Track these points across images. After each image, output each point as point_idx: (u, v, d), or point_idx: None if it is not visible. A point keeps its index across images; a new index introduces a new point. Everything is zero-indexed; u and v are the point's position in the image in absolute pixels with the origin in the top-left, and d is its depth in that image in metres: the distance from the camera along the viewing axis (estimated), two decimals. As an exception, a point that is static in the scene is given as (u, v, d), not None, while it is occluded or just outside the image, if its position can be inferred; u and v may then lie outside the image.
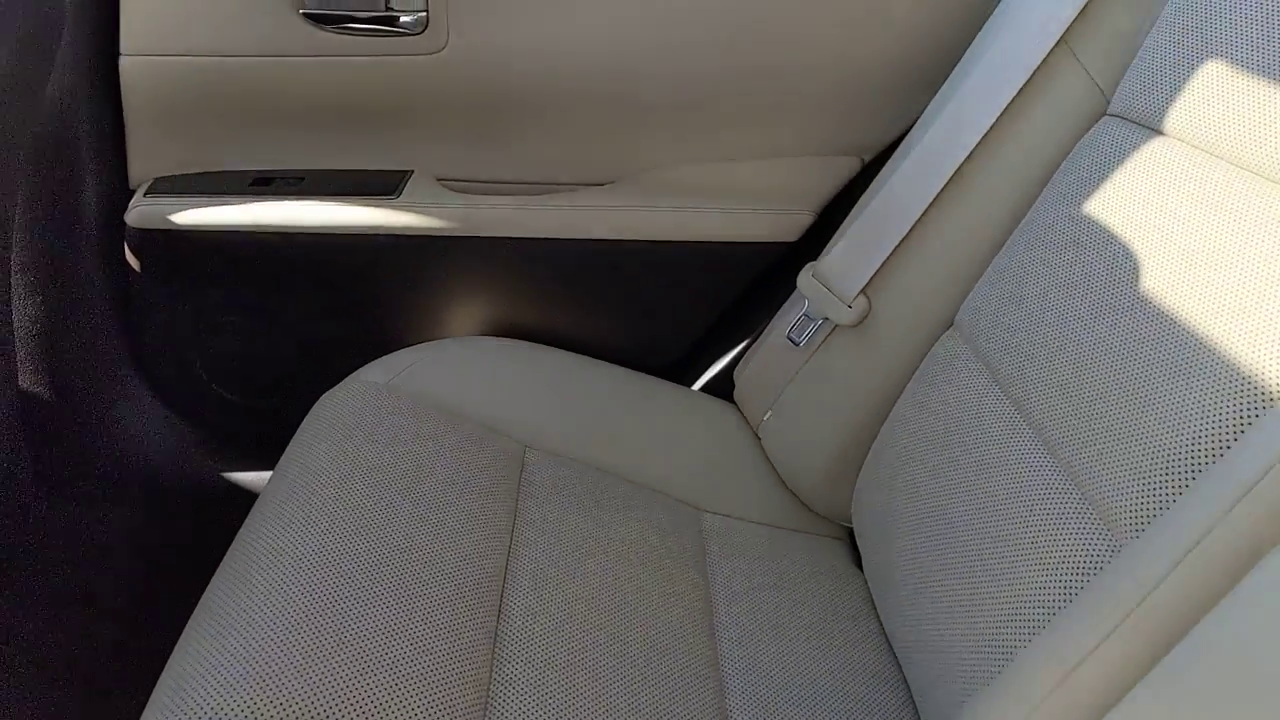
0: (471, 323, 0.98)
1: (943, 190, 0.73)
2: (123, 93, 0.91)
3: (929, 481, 0.67)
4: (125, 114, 0.92)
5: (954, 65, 0.80)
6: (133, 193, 0.96)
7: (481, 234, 0.92)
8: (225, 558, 0.65)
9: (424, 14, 0.87)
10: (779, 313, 0.89)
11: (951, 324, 0.72)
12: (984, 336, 0.67)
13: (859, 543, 0.78)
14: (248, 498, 1.09)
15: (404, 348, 1.00)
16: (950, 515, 0.63)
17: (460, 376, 0.86)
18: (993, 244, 0.71)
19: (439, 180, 0.96)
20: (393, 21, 0.87)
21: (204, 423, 1.07)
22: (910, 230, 0.74)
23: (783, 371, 0.85)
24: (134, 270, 0.96)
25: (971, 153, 0.72)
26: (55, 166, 0.90)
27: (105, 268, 0.97)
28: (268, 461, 1.09)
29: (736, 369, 0.92)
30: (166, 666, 0.57)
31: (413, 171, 0.96)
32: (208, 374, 1.03)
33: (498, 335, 0.98)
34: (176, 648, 0.58)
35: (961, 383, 0.68)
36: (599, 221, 0.93)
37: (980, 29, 0.79)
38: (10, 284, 0.91)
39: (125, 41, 0.89)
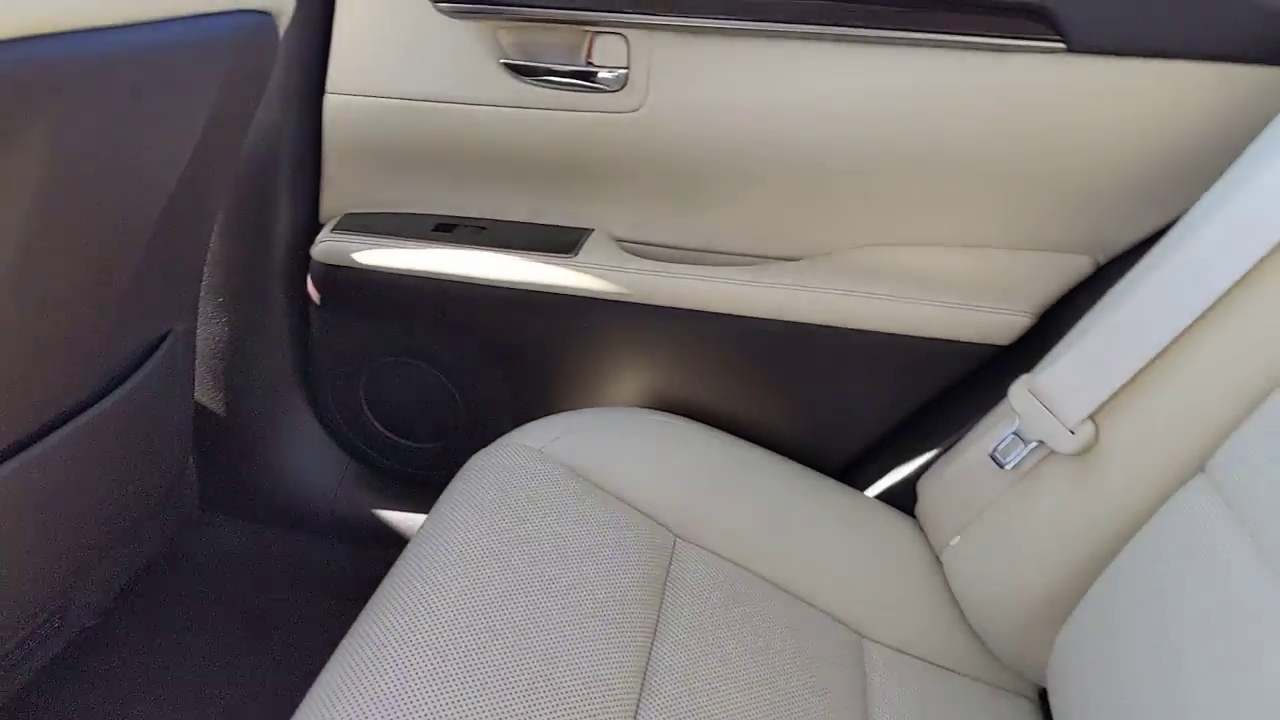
0: (634, 391, 0.93)
1: (1205, 312, 0.61)
2: (324, 129, 0.92)
3: (1158, 654, 0.55)
4: (324, 149, 0.93)
5: (1226, 163, 0.68)
6: (321, 226, 0.97)
7: (657, 302, 0.87)
8: (370, 602, 0.64)
9: (625, 71, 0.83)
10: (980, 425, 0.79)
11: (1201, 470, 0.60)
12: (1244, 492, 0.55)
13: (1054, 706, 0.66)
14: (396, 538, 1.08)
15: (563, 408, 0.96)
16: (1190, 701, 0.51)
17: (617, 449, 0.80)
18: (1266, 381, 0.58)
19: (617, 241, 0.92)
20: (592, 77, 0.84)
21: (362, 457, 1.07)
22: (1158, 354, 0.63)
23: (980, 494, 0.74)
24: (314, 302, 0.97)
25: (1245, 275, 0.60)
26: (253, 195, 0.92)
27: (288, 297, 0.99)
28: (418, 503, 1.08)
29: (922, 480, 0.82)
30: (304, 701, 0.56)
31: (592, 230, 0.92)
32: (371, 410, 1.03)
33: (661, 408, 0.92)
34: (317, 681, 0.57)
35: (1211, 541, 0.56)
36: (784, 300, 0.85)
37: (1263, 129, 0.67)
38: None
39: (332, 80, 0.90)
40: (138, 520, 0.92)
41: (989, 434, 0.76)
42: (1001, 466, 0.72)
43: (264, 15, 0.65)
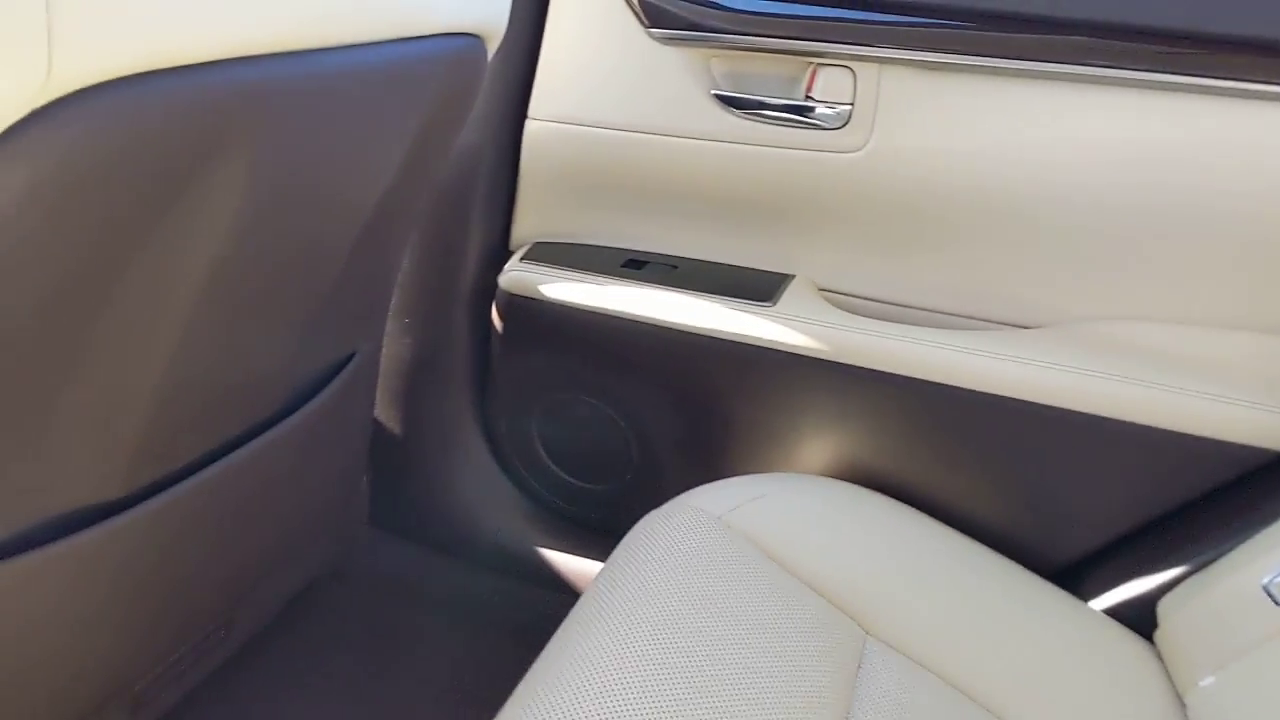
0: (826, 458, 0.84)
1: None
2: (522, 155, 0.89)
3: None
4: (520, 176, 0.91)
5: None
6: (510, 253, 0.95)
7: (862, 363, 0.79)
8: (545, 651, 0.60)
9: (848, 107, 0.76)
10: (1249, 545, 0.66)
11: None
12: None
13: None
14: (553, 579, 1.04)
15: (745, 468, 0.89)
16: None
17: (805, 524, 0.72)
18: None
19: (820, 290, 0.84)
20: (810, 112, 0.77)
21: (530, 491, 1.04)
22: None
23: (1244, 630, 0.62)
24: (497, 331, 0.94)
25: None
26: (446, 219, 0.90)
27: (471, 323, 0.97)
28: (580, 545, 1.04)
29: (1165, 601, 0.70)
30: None
31: (793, 277, 0.85)
32: (543, 444, 1.00)
33: (855, 480, 0.83)
34: None
35: None
36: (1014, 375, 0.75)
37: None
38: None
39: (535, 106, 0.87)
40: (310, 534, 0.92)
41: (1261, 559, 0.63)
42: (1278, 603, 0.59)
43: (474, 39, 0.62)
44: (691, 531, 0.68)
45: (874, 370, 0.78)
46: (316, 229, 0.58)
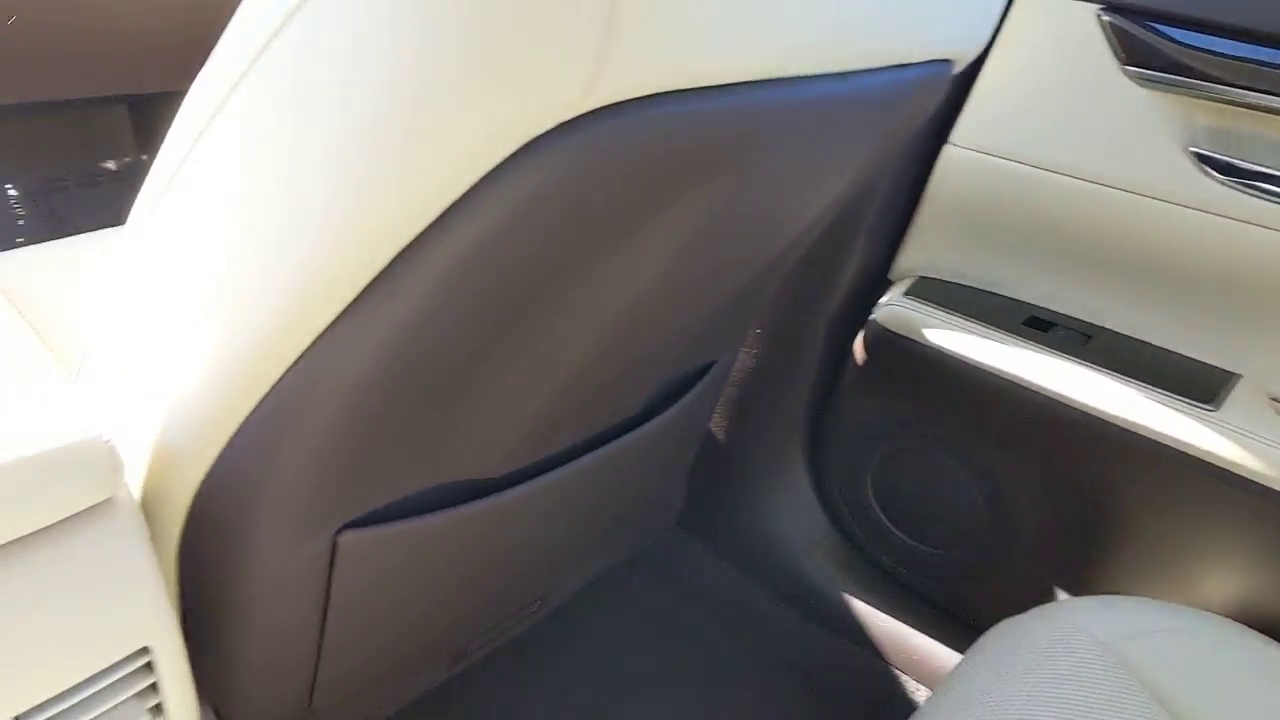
0: (1239, 599, 0.70)
1: None
2: (930, 181, 0.82)
3: None
4: (921, 203, 0.83)
5: None
6: (889, 283, 0.88)
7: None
8: None
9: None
10: None
11: None
12: None
13: None
14: (857, 631, 0.97)
15: (1124, 582, 0.77)
16: None
17: (1216, 680, 0.60)
18: None
19: (1271, 399, 0.70)
20: (1320, 190, 0.63)
21: (845, 530, 0.98)
22: None
23: None
24: (856, 361, 0.88)
25: None
26: (830, 237, 0.85)
27: (829, 346, 0.91)
28: (891, 604, 0.95)
29: None
30: None
31: (1239, 377, 0.71)
32: (876, 492, 0.93)
33: (1265, 630, 0.69)
34: None
35: None
36: None
37: None
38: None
39: (959, 132, 0.79)
40: (627, 524, 0.91)
41: None
42: None
43: (945, 64, 0.56)
44: (1073, 656, 0.58)
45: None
46: (741, 252, 0.54)
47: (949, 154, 0.80)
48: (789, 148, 0.45)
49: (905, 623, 0.93)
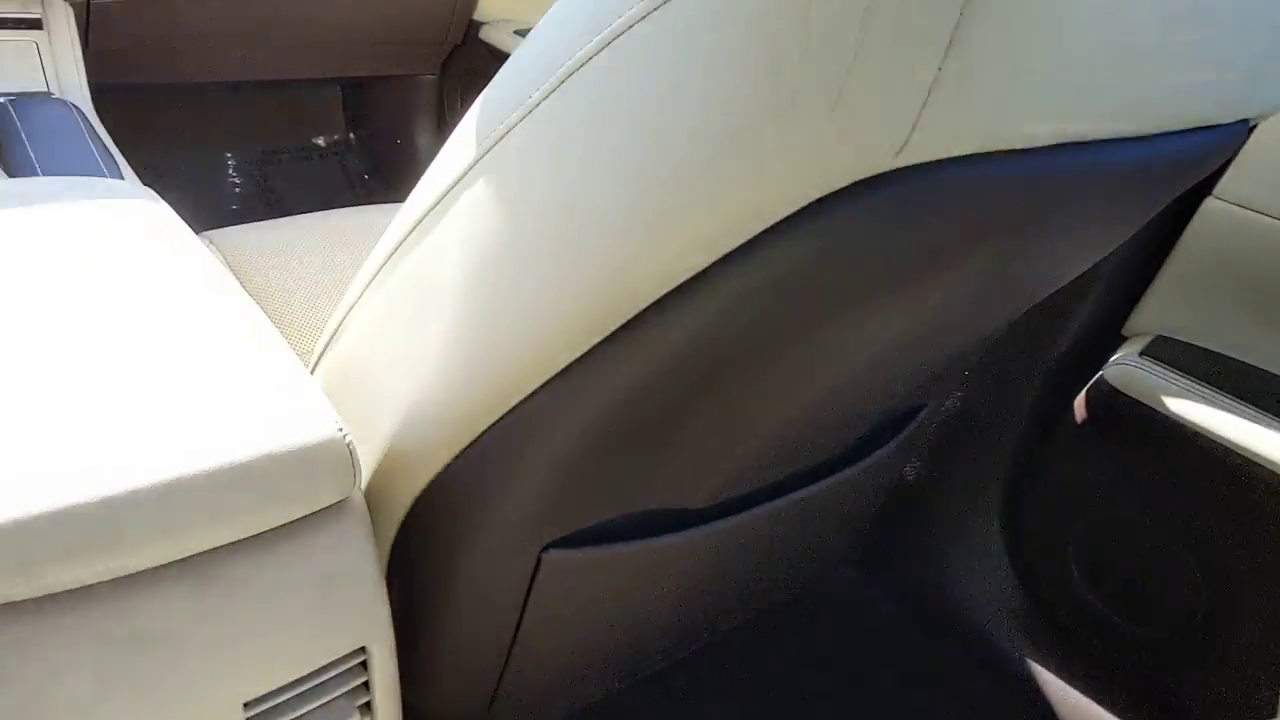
0: None
1: None
2: (1186, 233, 0.75)
3: None
4: (1173, 255, 0.76)
5: None
6: (1121, 339, 0.80)
7: None
8: None
9: None
10: None
11: None
12: None
13: None
14: (1049, 711, 0.90)
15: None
16: None
17: None
18: None
19: None
20: None
21: (1032, 593, 0.91)
22: None
23: None
24: (1074, 420, 0.82)
25: None
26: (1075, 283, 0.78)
27: (1041, 401, 0.85)
28: (1092, 685, 0.88)
29: None
30: None
31: None
32: (1074, 556, 0.86)
33: None
34: None
35: None
36: None
37: None
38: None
39: (1225, 185, 0.71)
40: (808, 560, 0.88)
41: None
42: None
43: (1245, 124, 0.50)
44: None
45: None
46: (996, 308, 0.51)
47: (1211, 207, 0.72)
48: (1078, 211, 0.41)
49: (1098, 700, 0.86)
